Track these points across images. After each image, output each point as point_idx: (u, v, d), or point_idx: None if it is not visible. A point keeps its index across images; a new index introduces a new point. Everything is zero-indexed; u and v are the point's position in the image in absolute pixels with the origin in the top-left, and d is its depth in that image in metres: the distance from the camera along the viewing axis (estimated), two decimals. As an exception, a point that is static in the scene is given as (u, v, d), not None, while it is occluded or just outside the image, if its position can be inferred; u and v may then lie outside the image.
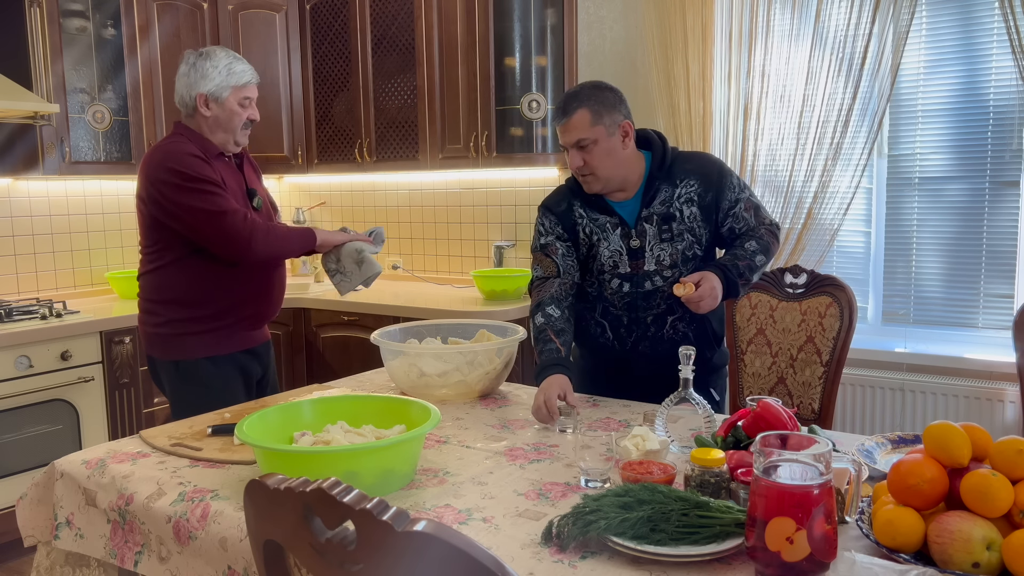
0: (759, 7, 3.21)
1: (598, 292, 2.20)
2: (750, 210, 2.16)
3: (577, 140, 2.06)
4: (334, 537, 0.89)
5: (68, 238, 3.94)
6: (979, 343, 3.08)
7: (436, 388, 2.12)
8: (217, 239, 2.35)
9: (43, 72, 3.46)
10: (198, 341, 2.47)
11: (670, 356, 1.94)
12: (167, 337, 2.48)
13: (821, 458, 1.15)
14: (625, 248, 2.15)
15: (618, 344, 2.20)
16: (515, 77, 3.66)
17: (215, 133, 2.47)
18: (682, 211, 2.13)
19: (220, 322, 2.47)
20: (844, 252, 3.34)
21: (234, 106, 2.46)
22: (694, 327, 2.18)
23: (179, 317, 2.46)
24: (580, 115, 2.05)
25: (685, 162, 2.17)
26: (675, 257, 2.14)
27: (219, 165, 2.46)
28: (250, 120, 2.51)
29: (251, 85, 2.50)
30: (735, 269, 2.06)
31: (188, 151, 2.38)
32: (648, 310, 2.16)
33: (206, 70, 2.44)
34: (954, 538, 1.14)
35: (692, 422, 1.80)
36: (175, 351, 2.48)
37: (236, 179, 2.51)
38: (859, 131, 3.08)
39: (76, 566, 1.72)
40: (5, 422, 3.14)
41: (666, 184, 2.15)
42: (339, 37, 4.14)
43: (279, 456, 1.50)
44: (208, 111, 2.45)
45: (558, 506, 1.44)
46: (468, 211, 4.21)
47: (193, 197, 2.33)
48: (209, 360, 2.47)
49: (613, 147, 2.08)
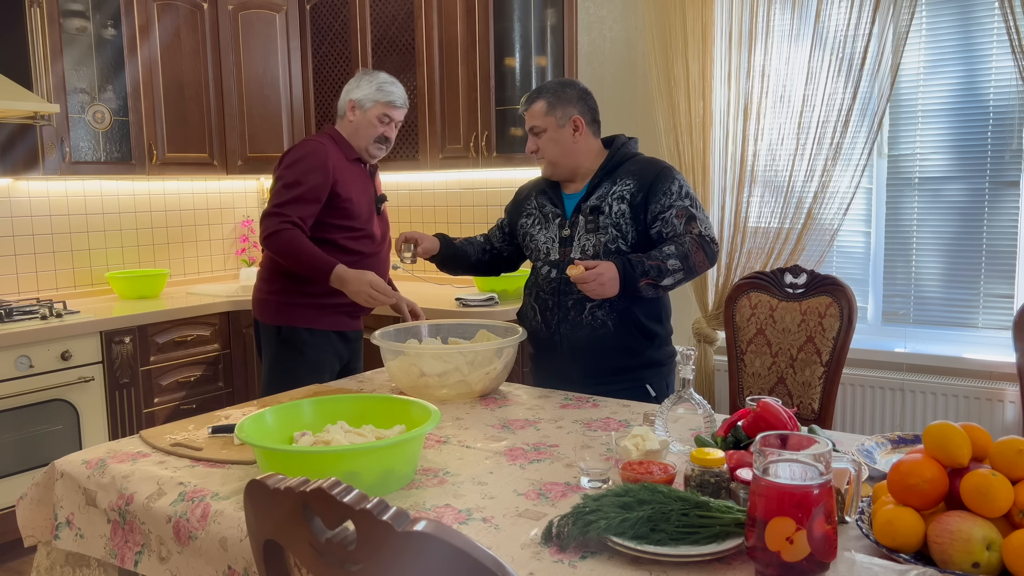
0: (759, 7, 3.21)
1: (534, 279, 2.39)
2: (681, 218, 2.22)
3: (532, 126, 2.33)
4: (334, 537, 0.89)
5: (68, 238, 3.94)
6: (979, 343, 3.08)
7: (436, 388, 2.12)
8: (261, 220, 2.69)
9: (43, 72, 3.46)
10: (302, 312, 2.76)
11: (590, 341, 2.27)
12: (276, 304, 2.79)
13: (821, 458, 1.15)
14: (558, 236, 2.34)
15: (545, 327, 2.34)
16: (515, 77, 3.66)
17: (354, 139, 2.78)
18: (611, 206, 2.27)
19: (324, 301, 2.74)
20: (844, 252, 3.34)
21: (373, 118, 2.76)
22: (614, 316, 2.26)
23: (291, 288, 2.75)
24: (538, 105, 2.32)
25: (633, 164, 2.33)
26: (598, 248, 2.26)
27: (355, 169, 2.79)
28: (385, 137, 2.79)
29: (395, 106, 2.78)
30: (640, 265, 2.14)
31: (320, 151, 2.68)
32: (570, 294, 2.28)
33: (363, 82, 2.78)
34: (954, 538, 1.14)
35: (692, 422, 1.80)
36: (281, 317, 2.78)
37: (366, 185, 2.83)
38: (859, 131, 3.08)
39: (76, 566, 1.72)
40: (5, 422, 3.14)
41: (607, 181, 2.32)
42: (339, 37, 4.14)
43: (279, 456, 1.50)
44: (353, 116, 2.78)
45: (558, 506, 1.44)
46: (468, 211, 4.20)
47: (277, 183, 2.68)
48: (307, 331, 2.77)
49: (562, 137, 2.31)
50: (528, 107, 2.34)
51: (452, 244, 2.56)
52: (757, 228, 3.34)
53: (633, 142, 2.40)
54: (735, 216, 3.35)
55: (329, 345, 2.82)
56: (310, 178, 2.66)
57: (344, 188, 2.73)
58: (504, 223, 2.59)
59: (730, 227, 3.37)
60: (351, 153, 2.79)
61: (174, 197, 4.35)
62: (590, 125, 2.35)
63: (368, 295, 2.61)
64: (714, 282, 3.45)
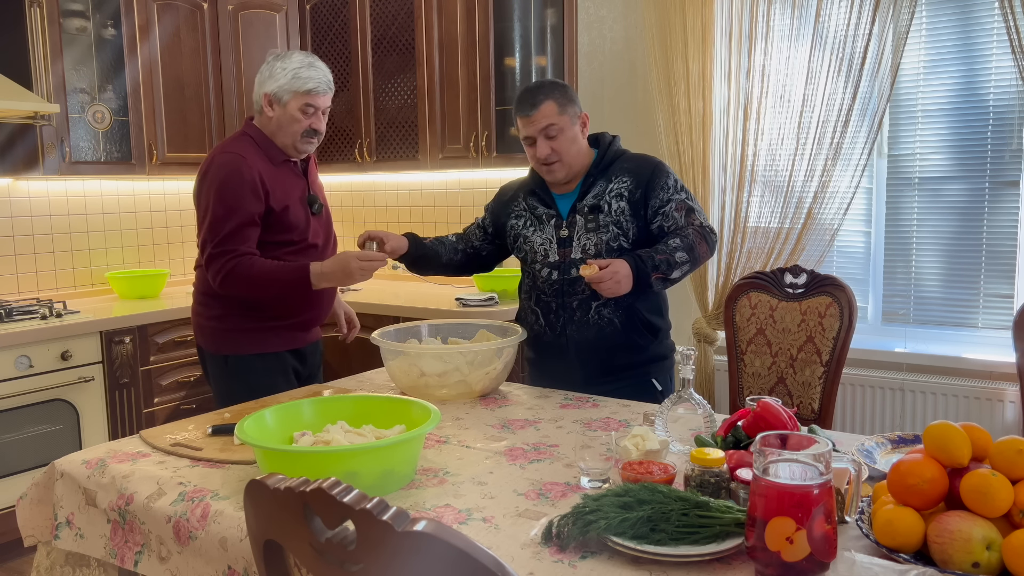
0: (759, 7, 3.21)
1: (532, 282, 2.36)
2: (681, 211, 2.23)
3: (546, 127, 2.22)
4: (334, 537, 0.89)
5: (68, 238, 3.94)
6: (979, 343, 3.08)
7: (436, 388, 2.12)
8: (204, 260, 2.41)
9: (43, 72, 3.46)
10: (249, 338, 2.48)
11: (597, 340, 2.25)
12: (219, 332, 2.50)
13: (821, 458, 1.15)
14: (555, 238, 2.31)
15: (549, 329, 2.31)
16: (515, 77, 3.66)
17: (277, 136, 2.45)
18: (611, 204, 2.25)
19: (270, 323, 2.48)
20: (844, 252, 3.34)
21: (295, 112, 2.41)
22: (620, 313, 2.25)
23: (233, 312, 2.47)
24: (547, 105, 2.22)
25: (625, 161, 2.31)
26: (600, 247, 2.24)
27: (284, 173, 2.46)
28: (313, 129, 2.45)
29: (317, 93, 2.42)
30: (650, 260, 2.13)
31: (243, 169, 2.35)
32: (574, 295, 2.26)
33: (275, 70, 2.42)
34: (954, 538, 1.14)
35: (692, 422, 1.80)
36: (227, 346, 2.50)
37: (299, 185, 2.50)
38: (859, 131, 3.08)
39: (76, 566, 1.72)
40: (5, 422, 3.14)
41: (602, 180, 2.29)
42: (339, 37, 4.14)
43: (279, 456, 1.50)
44: (271, 112, 2.43)
45: (558, 506, 1.44)
46: (468, 211, 4.20)
47: (207, 216, 2.37)
48: (258, 357, 2.49)
49: (576, 135, 2.27)
50: (535, 110, 2.22)
51: (422, 244, 2.44)
52: (757, 228, 3.34)
53: (617, 139, 2.38)
54: (735, 216, 3.35)
55: (281, 366, 2.53)
56: (243, 204, 2.34)
57: (278, 199, 2.41)
58: (487, 223, 2.50)
59: (730, 227, 3.37)
60: (277, 155, 2.46)
61: (174, 197, 4.35)
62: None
63: (359, 269, 2.33)
64: (714, 282, 3.45)
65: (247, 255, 2.35)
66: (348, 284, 2.42)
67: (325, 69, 2.47)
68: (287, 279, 2.36)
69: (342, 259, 2.34)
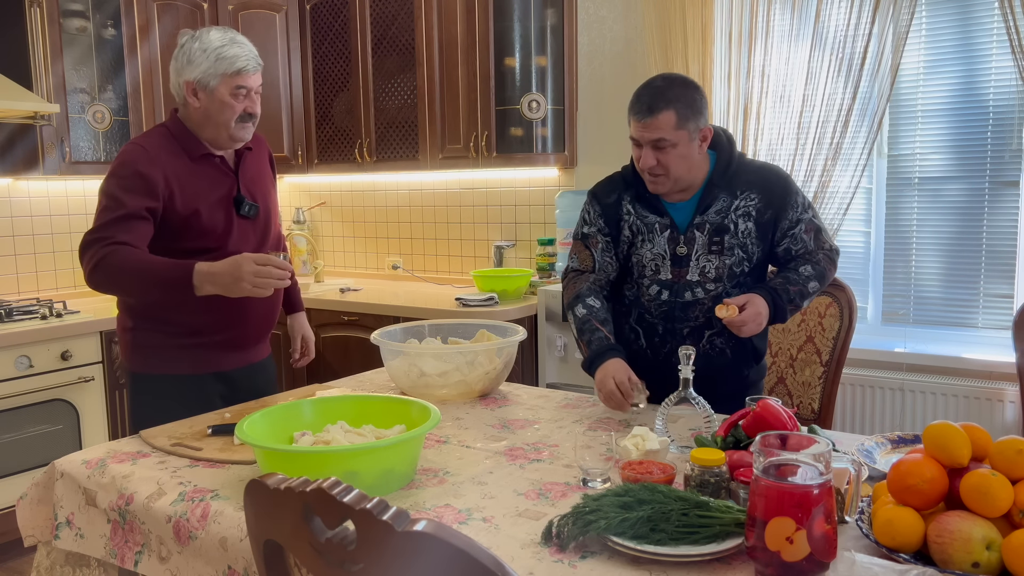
0: (759, 7, 3.21)
1: (635, 297, 2.12)
2: (810, 232, 2.06)
3: (657, 140, 1.94)
4: (334, 537, 0.89)
5: (68, 238, 3.94)
6: (979, 343, 3.08)
7: (436, 388, 2.12)
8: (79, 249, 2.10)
9: (43, 72, 3.46)
10: (158, 356, 2.18)
11: (705, 371, 1.87)
12: (131, 345, 2.22)
13: (821, 458, 1.15)
14: (670, 253, 2.05)
15: (651, 353, 2.11)
16: (515, 77, 3.66)
17: (204, 128, 2.16)
18: (737, 224, 2.03)
19: (186, 339, 2.17)
20: (844, 252, 3.33)
21: (225, 97, 2.11)
22: (732, 343, 2.07)
23: (143, 325, 2.19)
24: (666, 116, 1.92)
25: (749, 172, 2.07)
26: (721, 271, 2.03)
27: (203, 170, 2.16)
28: (248, 113, 2.16)
29: (246, 73, 2.13)
30: (785, 294, 1.98)
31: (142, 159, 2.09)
32: (685, 322, 2.06)
33: (193, 54, 2.11)
34: (954, 538, 1.14)
35: (692, 422, 1.80)
36: (137, 362, 2.21)
37: (223, 184, 2.19)
38: (859, 131, 3.08)
39: (76, 566, 1.72)
40: (5, 422, 3.14)
41: (725, 193, 2.04)
42: (339, 37, 4.14)
43: (279, 456, 1.50)
44: (197, 101, 2.13)
45: (558, 506, 1.44)
46: (468, 211, 4.20)
47: (101, 196, 2.10)
48: (170, 378, 2.18)
49: (692, 152, 1.98)
50: (652, 117, 1.92)
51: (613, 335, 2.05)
52: (757, 228, 3.34)
53: (734, 143, 2.11)
54: (735, 216, 3.35)
55: (199, 391, 2.18)
56: (132, 197, 2.04)
57: (186, 201, 2.11)
58: (607, 242, 2.14)
59: (730, 227, 3.37)
60: (197, 149, 2.15)
61: (174, 197, 4.35)
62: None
63: (253, 276, 1.95)
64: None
65: (124, 244, 2.00)
66: (237, 294, 1.99)
67: (249, 44, 2.17)
68: (164, 276, 2.00)
69: (235, 261, 1.98)
